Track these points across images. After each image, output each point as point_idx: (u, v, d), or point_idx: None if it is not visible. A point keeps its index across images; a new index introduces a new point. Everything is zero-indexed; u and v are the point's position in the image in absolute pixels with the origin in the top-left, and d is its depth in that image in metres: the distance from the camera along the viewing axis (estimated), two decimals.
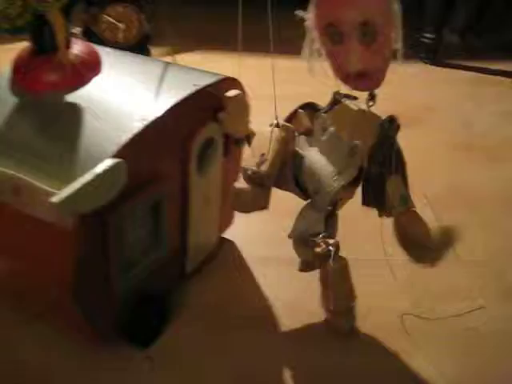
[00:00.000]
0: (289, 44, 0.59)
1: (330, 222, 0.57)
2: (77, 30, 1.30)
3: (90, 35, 1.29)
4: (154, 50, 1.33)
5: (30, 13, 0.50)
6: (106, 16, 1.24)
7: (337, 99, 0.55)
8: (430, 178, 0.90)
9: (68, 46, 0.55)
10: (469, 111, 1.20)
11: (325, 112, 0.56)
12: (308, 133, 0.57)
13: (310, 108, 0.58)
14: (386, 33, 0.47)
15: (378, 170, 0.52)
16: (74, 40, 0.56)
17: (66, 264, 0.46)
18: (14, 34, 0.50)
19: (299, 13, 0.49)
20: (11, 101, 0.53)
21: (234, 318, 0.62)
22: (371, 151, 0.52)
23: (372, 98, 0.52)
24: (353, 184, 0.55)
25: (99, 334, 0.54)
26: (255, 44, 0.78)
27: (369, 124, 0.52)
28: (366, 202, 0.55)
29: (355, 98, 0.54)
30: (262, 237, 0.69)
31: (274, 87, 0.54)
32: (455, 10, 1.56)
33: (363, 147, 0.52)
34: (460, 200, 0.87)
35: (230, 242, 0.73)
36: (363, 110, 0.53)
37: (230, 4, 0.59)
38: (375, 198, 0.54)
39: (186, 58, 1.33)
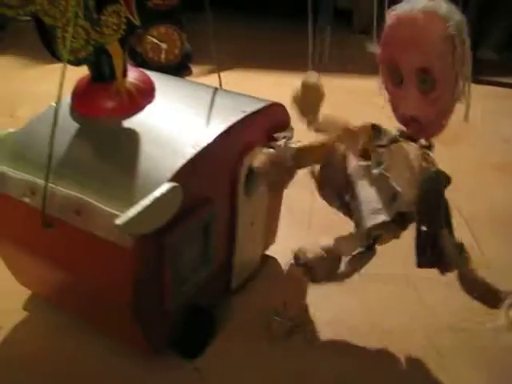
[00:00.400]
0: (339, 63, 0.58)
1: (367, 254, 0.58)
2: None
3: (134, 55, 1.33)
4: (195, 69, 1.38)
5: (92, 45, 0.54)
6: (149, 37, 1.29)
7: (396, 138, 0.55)
8: (466, 196, 0.91)
9: (125, 74, 0.58)
10: (506, 128, 1.20)
11: (382, 146, 0.55)
12: (362, 153, 0.57)
13: (376, 129, 0.57)
14: (448, 83, 0.48)
15: (429, 229, 0.52)
16: (129, 68, 0.60)
17: (125, 281, 0.49)
18: (76, 64, 0.54)
19: (371, 47, 0.52)
20: (73, 126, 0.57)
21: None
22: (417, 206, 0.52)
23: (427, 147, 0.52)
24: (399, 225, 0.55)
25: (153, 347, 0.57)
26: (296, 62, 0.79)
27: (416, 175, 0.52)
28: (424, 263, 0.54)
29: (415, 141, 0.54)
30: None
31: None
32: (491, 26, 1.57)
33: (406, 196, 0.52)
34: (496, 219, 0.88)
35: (273, 259, 0.75)
36: (415, 159, 0.52)
37: (270, 23, 0.61)
38: (437, 259, 0.53)
39: (227, 77, 1.37)
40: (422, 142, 0.53)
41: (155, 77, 0.63)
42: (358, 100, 1.28)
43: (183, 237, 0.53)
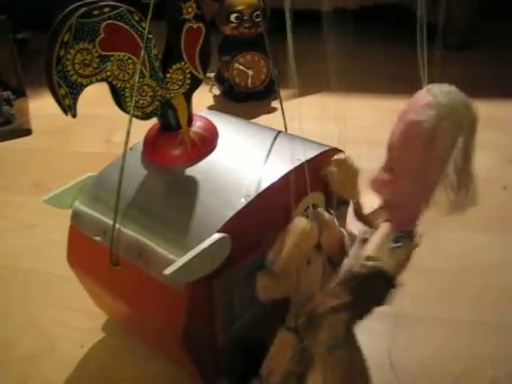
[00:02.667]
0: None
1: None
2: (211, 74, 1.42)
3: (222, 80, 1.40)
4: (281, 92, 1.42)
5: (159, 100, 0.60)
6: (236, 64, 1.35)
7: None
8: None
9: (190, 123, 0.64)
10: None
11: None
12: None
13: None
14: (408, 175, 0.43)
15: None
16: (195, 117, 0.65)
17: (177, 320, 0.54)
18: (144, 118, 0.60)
19: None
20: (142, 171, 0.63)
21: None
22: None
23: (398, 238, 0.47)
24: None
25: (206, 377, 0.61)
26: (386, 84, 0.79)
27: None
28: None
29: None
30: None
31: None
32: None
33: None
34: None
35: None
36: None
37: (358, 45, 0.61)
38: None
39: (307, 101, 1.40)
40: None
41: (221, 120, 0.68)
42: None
43: (233, 279, 0.57)
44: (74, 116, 0.54)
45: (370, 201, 0.57)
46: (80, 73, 0.52)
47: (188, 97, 0.63)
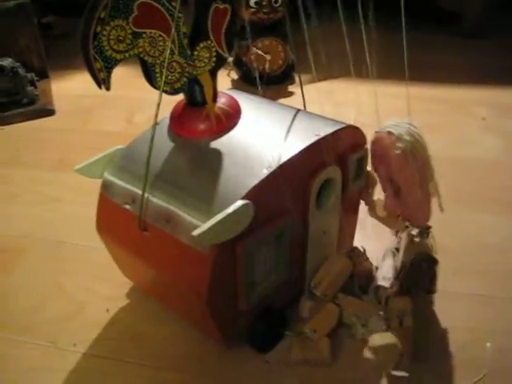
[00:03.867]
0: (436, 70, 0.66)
1: None
2: (229, 59, 1.45)
3: (240, 65, 1.43)
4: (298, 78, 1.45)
5: (186, 77, 0.63)
6: (254, 48, 1.38)
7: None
8: None
9: (215, 99, 0.67)
10: None
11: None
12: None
13: None
14: (412, 189, 0.62)
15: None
16: (219, 93, 0.68)
17: (202, 280, 0.58)
18: (172, 93, 0.63)
19: None
20: (169, 144, 0.66)
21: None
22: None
23: (421, 233, 0.66)
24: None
25: (227, 340, 0.65)
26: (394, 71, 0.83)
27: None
28: None
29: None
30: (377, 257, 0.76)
31: None
32: None
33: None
34: None
35: None
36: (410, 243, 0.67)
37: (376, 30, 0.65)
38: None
39: (325, 86, 1.42)
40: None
41: (243, 98, 0.71)
42: (454, 110, 1.29)
43: (255, 245, 0.60)
44: (108, 89, 0.57)
45: None
46: (114, 48, 0.56)
47: (213, 74, 0.66)
